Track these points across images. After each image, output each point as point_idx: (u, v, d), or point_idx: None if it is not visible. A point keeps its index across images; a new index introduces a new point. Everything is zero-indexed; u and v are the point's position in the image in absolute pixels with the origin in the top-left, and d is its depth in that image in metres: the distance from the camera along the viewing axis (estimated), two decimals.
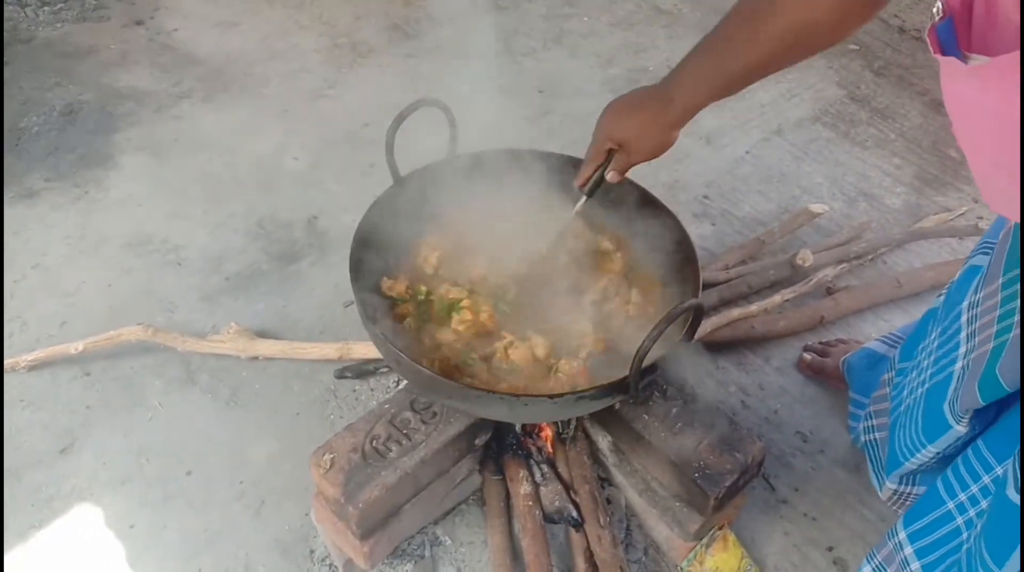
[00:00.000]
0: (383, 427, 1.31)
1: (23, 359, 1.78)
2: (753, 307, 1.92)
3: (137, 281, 2.03)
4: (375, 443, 1.29)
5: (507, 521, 1.47)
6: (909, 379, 1.40)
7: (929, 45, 0.76)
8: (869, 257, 2.15)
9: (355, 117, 2.59)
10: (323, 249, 2.14)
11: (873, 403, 1.58)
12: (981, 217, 2.32)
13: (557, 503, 1.45)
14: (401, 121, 1.32)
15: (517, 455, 1.49)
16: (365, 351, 1.78)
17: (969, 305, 1.20)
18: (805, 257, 1.98)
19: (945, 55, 0.73)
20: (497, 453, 1.50)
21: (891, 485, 1.45)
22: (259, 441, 1.69)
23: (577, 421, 1.53)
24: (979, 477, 1.13)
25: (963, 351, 1.19)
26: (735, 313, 1.90)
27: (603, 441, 1.50)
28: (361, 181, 2.34)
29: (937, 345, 1.30)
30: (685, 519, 1.36)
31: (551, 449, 1.52)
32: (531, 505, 1.43)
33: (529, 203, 1.54)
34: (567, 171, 1.52)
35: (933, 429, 1.26)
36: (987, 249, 1.25)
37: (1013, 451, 1.03)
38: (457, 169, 1.49)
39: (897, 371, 1.49)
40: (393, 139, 1.34)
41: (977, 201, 2.40)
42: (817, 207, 2.16)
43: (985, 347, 1.12)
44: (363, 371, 1.80)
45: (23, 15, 2.94)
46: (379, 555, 1.40)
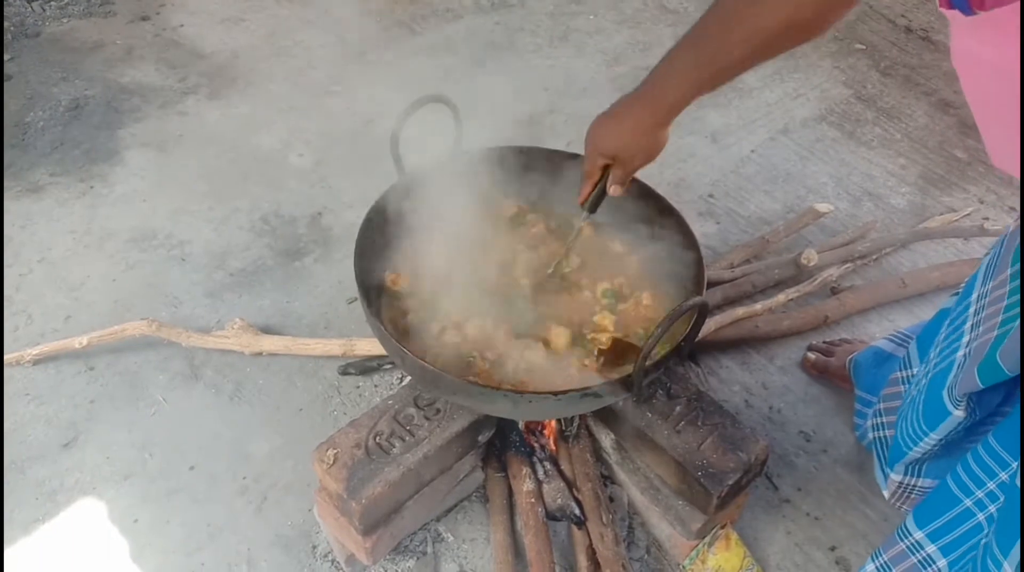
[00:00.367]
0: (386, 423, 1.32)
1: (28, 353, 1.78)
2: (757, 306, 1.92)
3: (142, 276, 2.04)
4: (378, 439, 1.29)
5: (510, 518, 1.47)
6: (918, 374, 1.40)
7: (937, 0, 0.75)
8: (874, 257, 2.14)
9: (360, 114, 2.59)
10: (327, 245, 2.14)
11: (883, 401, 1.57)
12: (987, 218, 2.31)
13: (560, 500, 1.45)
14: (407, 117, 1.32)
15: (520, 452, 1.49)
16: (369, 347, 1.78)
17: (977, 297, 1.21)
18: (810, 256, 1.98)
19: (952, 8, 0.73)
20: (500, 450, 1.50)
21: (896, 477, 1.45)
22: (262, 437, 1.70)
23: (580, 419, 1.53)
24: (995, 474, 1.13)
25: (967, 340, 1.19)
26: (739, 312, 1.90)
27: (606, 439, 1.50)
28: (366, 178, 2.33)
29: (944, 336, 1.30)
30: (688, 517, 1.36)
31: (554, 446, 1.52)
32: (534, 502, 1.43)
33: (531, 201, 1.54)
34: (572, 168, 1.52)
35: (933, 416, 1.27)
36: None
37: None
38: (463, 165, 1.49)
39: (909, 369, 1.49)
40: (399, 135, 1.34)
41: (983, 202, 2.40)
42: (822, 206, 2.15)
43: (989, 335, 1.12)
44: (367, 367, 1.80)
45: (29, 10, 2.95)
46: (381, 551, 1.41)
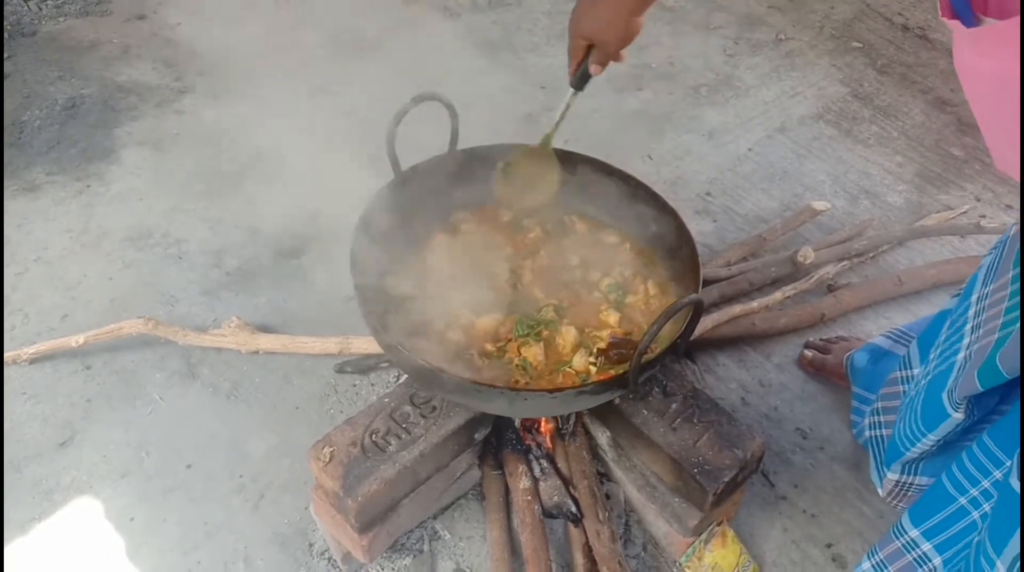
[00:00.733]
0: (382, 421, 1.32)
1: (25, 352, 1.78)
2: (754, 304, 1.92)
3: (138, 275, 2.04)
4: (374, 437, 1.29)
5: (506, 516, 1.47)
6: (918, 376, 1.40)
7: (939, 8, 0.76)
8: (870, 255, 2.14)
9: (356, 112, 2.59)
10: (324, 244, 2.14)
11: (882, 400, 1.57)
12: (983, 215, 2.31)
13: (556, 498, 1.45)
14: (402, 115, 1.32)
15: (516, 450, 1.49)
16: (365, 346, 1.78)
17: (977, 298, 1.21)
18: (806, 254, 1.98)
19: (955, 18, 0.73)
20: (496, 448, 1.51)
21: (892, 476, 1.45)
22: (259, 435, 1.70)
23: (577, 416, 1.53)
24: (989, 472, 1.14)
25: (966, 342, 1.20)
26: (736, 310, 1.90)
27: (602, 436, 1.50)
28: (362, 176, 2.32)
29: (944, 338, 1.30)
30: (684, 515, 1.36)
31: (550, 444, 1.53)
32: (530, 500, 1.43)
33: (530, 199, 1.54)
34: (569, 165, 1.52)
35: (932, 418, 1.27)
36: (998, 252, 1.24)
37: (1019, 443, 1.03)
38: (458, 164, 1.49)
39: (909, 369, 1.49)
40: (394, 133, 1.34)
41: (979, 199, 2.40)
42: (819, 204, 2.16)
43: (989, 338, 1.12)
44: (363, 366, 1.80)
45: (26, 9, 2.94)
46: (378, 549, 1.41)
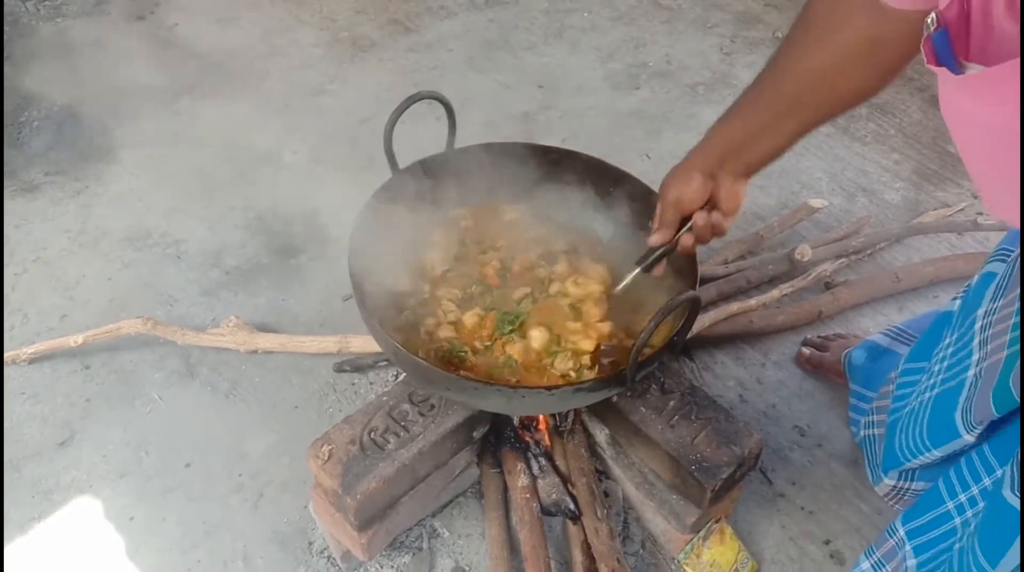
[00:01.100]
0: (381, 419, 1.32)
1: (24, 352, 1.78)
2: (752, 302, 1.92)
3: (137, 275, 2.04)
4: (373, 435, 1.29)
5: (505, 514, 1.48)
6: (919, 383, 1.38)
7: (924, 55, 0.76)
8: (868, 252, 2.15)
9: (354, 112, 2.59)
10: (322, 243, 2.14)
11: (879, 399, 1.57)
12: (980, 213, 2.32)
13: (554, 496, 1.45)
14: (400, 114, 1.32)
15: (515, 448, 1.49)
16: (364, 345, 1.79)
17: (985, 313, 1.18)
18: (804, 252, 1.98)
19: (940, 65, 0.73)
20: (495, 446, 1.51)
21: (889, 481, 1.45)
22: (258, 434, 1.70)
23: (575, 414, 1.53)
24: (980, 479, 1.13)
25: (976, 359, 1.18)
26: (734, 307, 1.90)
27: (601, 434, 1.51)
28: (360, 175, 2.33)
29: (952, 352, 1.27)
30: (682, 512, 1.37)
31: (549, 442, 1.53)
32: (529, 498, 1.43)
33: (529, 198, 1.54)
34: (566, 165, 1.52)
35: (940, 435, 1.25)
36: (1003, 256, 1.23)
37: (1014, 453, 1.03)
38: (456, 163, 1.49)
39: (904, 371, 1.47)
40: (391, 132, 1.34)
41: (976, 197, 2.40)
42: (816, 202, 2.16)
43: (998, 356, 1.11)
44: (362, 364, 1.81)
45: (24, 9, 2.95)
46: (377, 547, 1.41)
